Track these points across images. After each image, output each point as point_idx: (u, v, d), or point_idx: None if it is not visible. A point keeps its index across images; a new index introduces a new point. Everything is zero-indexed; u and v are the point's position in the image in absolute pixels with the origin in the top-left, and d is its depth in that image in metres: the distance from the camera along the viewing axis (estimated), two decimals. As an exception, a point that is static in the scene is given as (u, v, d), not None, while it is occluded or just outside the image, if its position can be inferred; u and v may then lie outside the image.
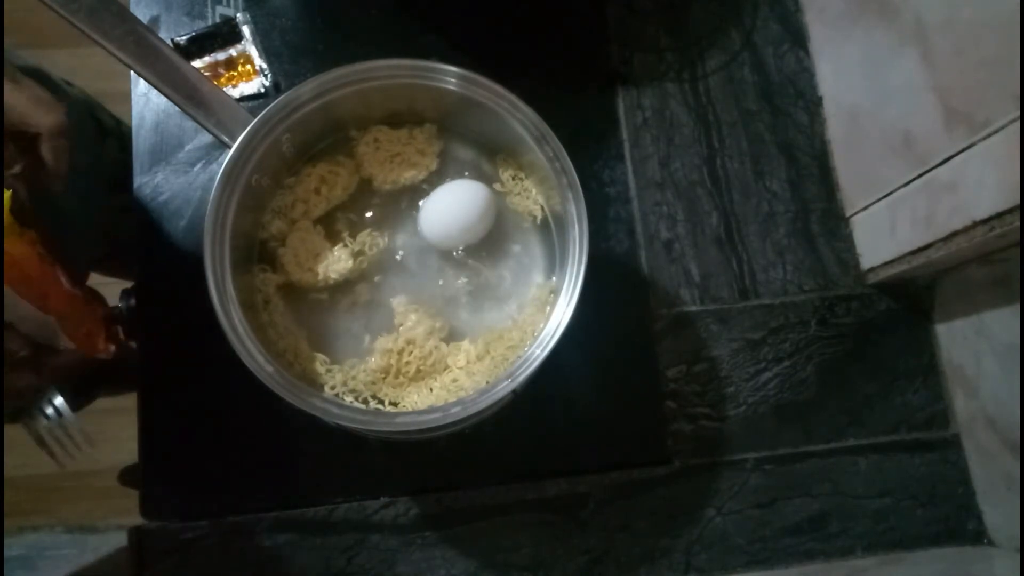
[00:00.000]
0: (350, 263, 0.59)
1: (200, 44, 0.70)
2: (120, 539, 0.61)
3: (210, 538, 0.61)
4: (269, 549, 0.61)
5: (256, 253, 0.60)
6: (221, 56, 0.70)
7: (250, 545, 0.61)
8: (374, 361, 0.58)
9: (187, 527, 0.62)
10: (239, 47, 0.70)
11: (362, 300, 0.60)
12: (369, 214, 0.62)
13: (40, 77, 0.69)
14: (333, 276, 0.59)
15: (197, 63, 0.69)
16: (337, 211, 0.61)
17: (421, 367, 0.57)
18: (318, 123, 0.58)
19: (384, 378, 0.58)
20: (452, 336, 0.59)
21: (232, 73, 0.70)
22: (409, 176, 0.61)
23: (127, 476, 1.32)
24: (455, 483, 0.64)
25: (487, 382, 0.56)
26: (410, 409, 0.57)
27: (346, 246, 0.60)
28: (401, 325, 0.58)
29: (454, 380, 0.58)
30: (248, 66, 0.69)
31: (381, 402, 0.57)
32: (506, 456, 0.64)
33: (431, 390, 0.57)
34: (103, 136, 0.77)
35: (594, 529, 0.64)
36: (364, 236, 0.60)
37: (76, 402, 0.87)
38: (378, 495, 0.63)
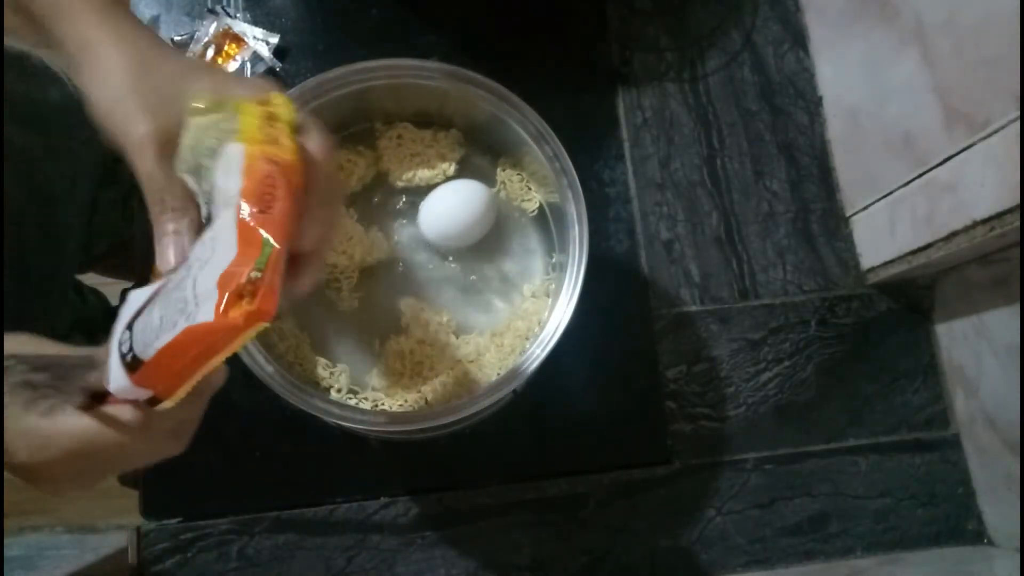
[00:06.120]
0: (385, 245, 0.59)
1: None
2: (120, 539, 0.61)
3: (210, 538, 0.61)
4: (269, 549, 0.61)
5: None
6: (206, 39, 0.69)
7: (250, 545, 0.61)
8: (386, 364, 0.58)
9: (187, 527, 0.62)
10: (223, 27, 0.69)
11: (367, 302, 0.60)
12: (379, 209, 0.62)
13: (40, 66, 0.69)
14: (370, 261, 0.59)
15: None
16: (348, 200, 0.61)
17: (434, 364, 0.58)
18: (346, 110, 0.59)
19: (399, 380, 0.58)
20: (459, 331, 0.60)
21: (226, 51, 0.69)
22: (425, 177, 0.61)
23: (127, 476, 1.32)
24: (455, 483, 0.64)
25: (498, 373, 0.57)
26: (412, 408, 0.57)
27: (380, 231, 0.60)
28: (407, 326, 0.58)
29: (466, 373, 0.58)
30: (234, 44, 0.69)
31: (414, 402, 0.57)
32: (506, 456, 0.64)
33: (444, 385, 0.57)
34: (95, 131, 0.77)
35: (594, 529, 0.63)
36: (374, 233, 0.60)
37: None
38: (378, 495, 0.63)
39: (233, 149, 0.35)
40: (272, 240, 0.32)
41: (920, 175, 0.60)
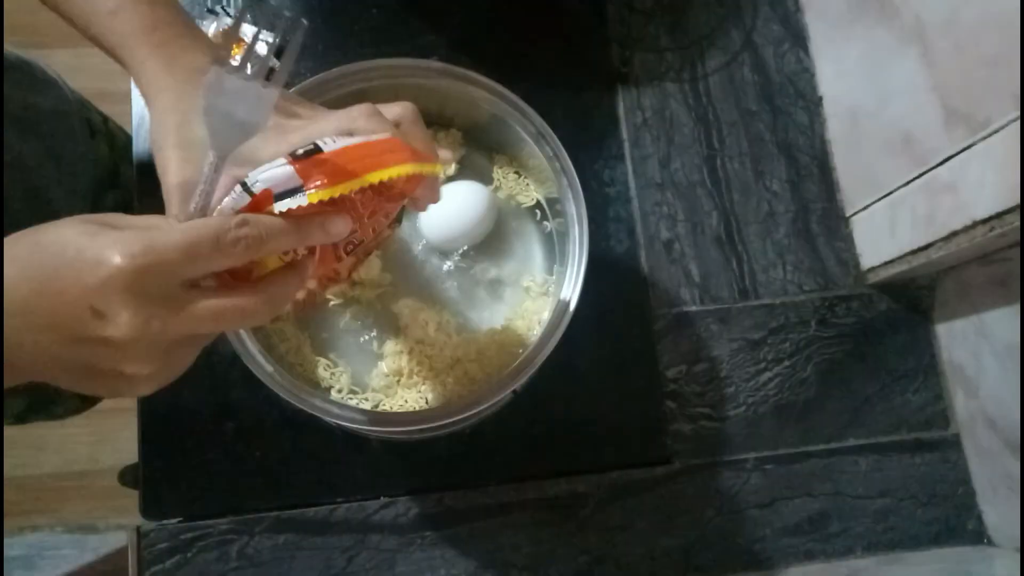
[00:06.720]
0: (379, 264, 0.59)
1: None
2: (120, 539, 0.61)
3: (210, 538, 0.61)
4: (269, 549, 0.61)
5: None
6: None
7: (250, 545, 0.61)
8: (386, 365, 0.58)
9: (187, 527, 0.62)
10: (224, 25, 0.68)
11: (367, 303, 0.60)
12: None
13: (39, 72, 0.69)
14: (362, 275, 0.59)
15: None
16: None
17: (434, 364, 0.58)
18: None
19: (399, 380, 0.58)
20: (459, 331, 0.60)
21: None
22: None
23: (127, 476, 1.33)
24: (455, 483, 0.64)
25: (498, 373, 0.57)
26: (412, 408, 0.57)
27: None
28: (407, 327, 0.58)
29: (465, 373, 0.58)
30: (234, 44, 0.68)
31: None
32: (506, 456, 0.64)
33: (444, 385, 0.57)
34: (92, 135, 0.77)
35: (594, 529, 0.63)
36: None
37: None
38: (378, 495, 0.63)
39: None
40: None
41: (920, 175, 0.60)
